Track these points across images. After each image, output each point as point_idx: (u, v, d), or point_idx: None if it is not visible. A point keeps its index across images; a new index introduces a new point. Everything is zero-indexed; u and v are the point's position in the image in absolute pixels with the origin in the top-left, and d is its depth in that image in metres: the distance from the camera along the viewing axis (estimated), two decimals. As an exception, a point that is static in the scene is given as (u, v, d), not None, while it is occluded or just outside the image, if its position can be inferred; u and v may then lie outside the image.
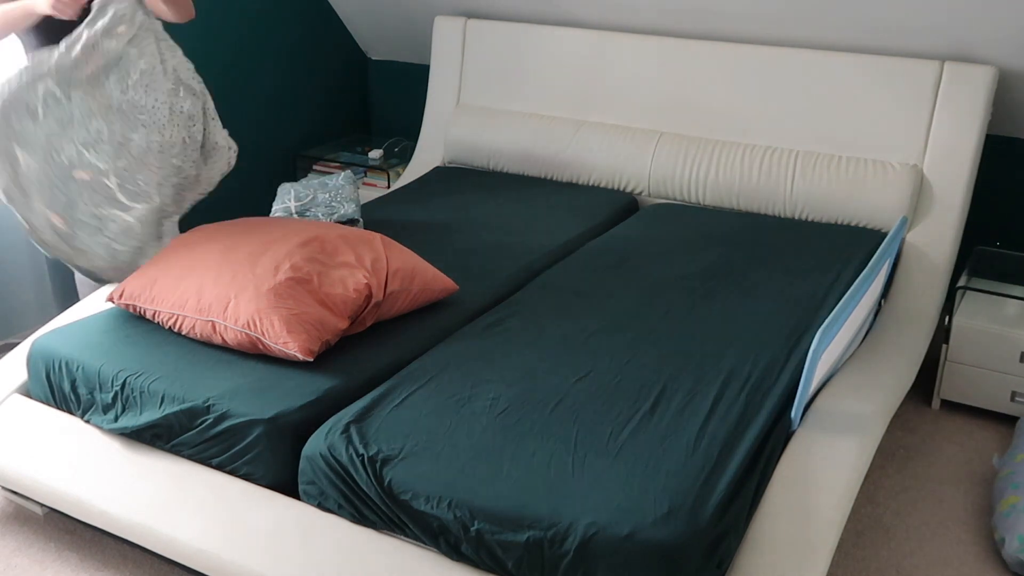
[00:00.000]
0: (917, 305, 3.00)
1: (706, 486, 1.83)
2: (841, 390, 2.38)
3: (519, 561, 1.79)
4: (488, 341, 2.38)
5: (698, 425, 2.02)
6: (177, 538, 2.07)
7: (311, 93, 4.31)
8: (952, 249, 3.08)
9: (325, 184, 3.19)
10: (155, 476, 2.19)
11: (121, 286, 2.46)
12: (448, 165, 3.92)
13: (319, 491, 2.02)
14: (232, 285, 2.27)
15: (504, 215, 3.29)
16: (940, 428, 3.00)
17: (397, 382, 2.19)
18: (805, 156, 3.26)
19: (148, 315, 2.41)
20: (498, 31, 3.80)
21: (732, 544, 1.84)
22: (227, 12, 3.76)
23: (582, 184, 3.63)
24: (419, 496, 1.87)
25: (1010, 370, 2.93)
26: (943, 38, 3.07)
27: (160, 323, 2.39)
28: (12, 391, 2.50)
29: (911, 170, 3.12)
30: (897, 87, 3.14)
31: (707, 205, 3.43)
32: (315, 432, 2.05)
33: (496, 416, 2.05)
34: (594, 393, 2.14)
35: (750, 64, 3.36)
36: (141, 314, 2.44)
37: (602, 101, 3.64)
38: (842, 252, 2.94)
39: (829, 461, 2.07)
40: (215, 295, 2.27)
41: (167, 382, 2.21)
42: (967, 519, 2.57)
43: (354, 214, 3.01)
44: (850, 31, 3.20)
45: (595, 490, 1.82)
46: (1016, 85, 3.11)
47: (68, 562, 2.39)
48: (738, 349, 2.35)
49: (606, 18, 3.62)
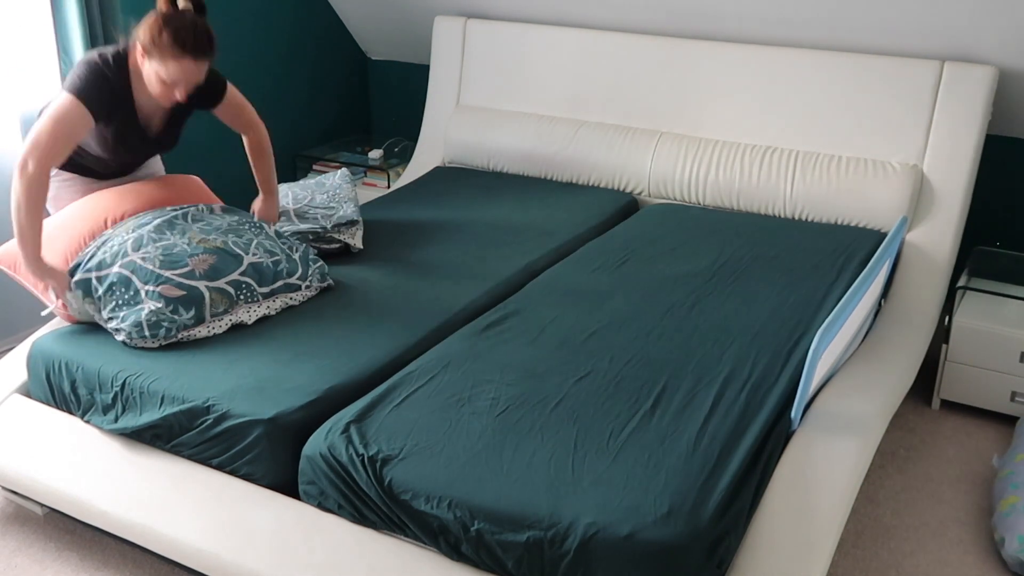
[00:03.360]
0: (917, 305, 3.00)
1: (706, 486, 1.83)
2: (841, 390, 2.38)
3: (519, 561, 1.79)
4: (488, 341, 2.38)
5: (698, 425, 2.02)
6: (177, 538, 2.07)
7: (311, 93, 4.31)
8: (952, 249, 3.08)
9: (322, 184, 3.18)
10: (155, 476, 2.19)
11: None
12: (448, 165, 3.92)
13: (319, 491, 2.02)
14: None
15: (504, 215, 3.29)
16: (940, 428, 3.00)
17: (397, 382, 2.19)
18: (805, 156, 3.26)
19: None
20: (498, 31, 3.80)
21: (732, 544, 1.83)
22: (227, 12, 3.76)
23: (582, 184, 3.63)
24: (419, 496, 1.87)
25: (1010, 370, 2.93)
26: (943, 38, 3.07)
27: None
28: (12, 391, 2.50)
29: (911, 170, 3.12)
30: (897, 87, 3.14)
31: (707, 205, 3.43)
32: (315, 432, 2.05)
33: (496, 416, 2.05)
34: (594, 393, 2.14)
35: (750, 64, 3.36)
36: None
37: (602, 101, 3.64)
38: (842, 252, 2.94)
39: (829, 461, 2.07)
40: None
41: (167, 382, 2.21)
42: (967, 519, 2.57)
43: (353, 215, 3.00)
44: (850, 31, 3.20)
45: (595, 490, 1.82)
46: (1016, 85, 3.11)
47: (68, 562, 2.39)
48: (738, 349, 2.35)
49: (606, 18, 3.62)
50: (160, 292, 2.36)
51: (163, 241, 2.47)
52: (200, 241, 2.50)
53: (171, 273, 2.40)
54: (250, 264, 2.51)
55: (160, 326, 2.34)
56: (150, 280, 2.38)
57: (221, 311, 2.43)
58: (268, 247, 2.59)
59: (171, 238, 2.49)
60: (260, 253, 2.55)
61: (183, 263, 2.42)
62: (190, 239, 2.49)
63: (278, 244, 2.64)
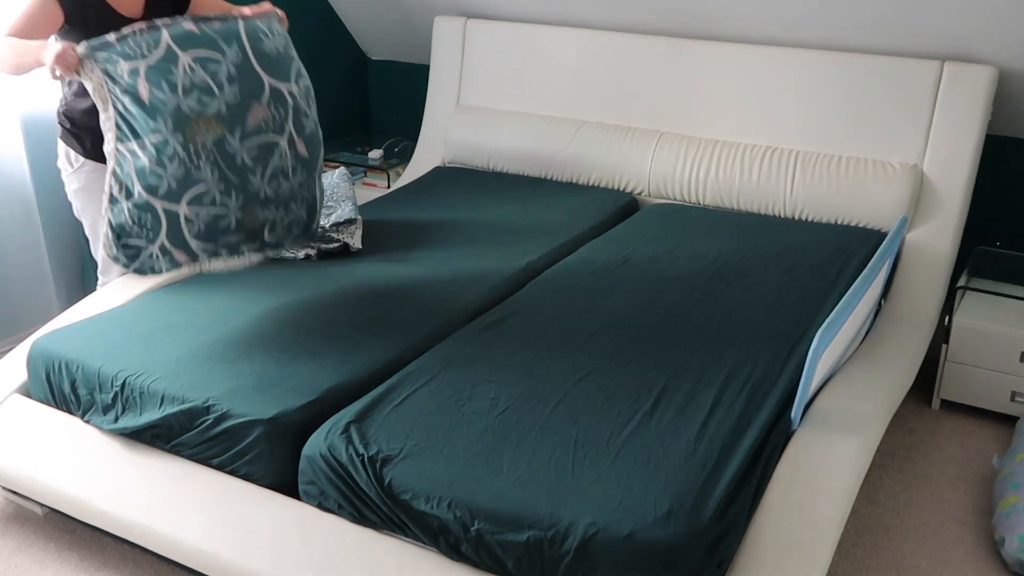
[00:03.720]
0: (917, 305, 3.00)
1: (706, 486, 1.83)
2: (841, 390, 2.38)
3: (519, 561, 1.79)
4: (488, 341, 2.38)
5: (698, 425, 2.02)
6: (177, 538, 2.07)
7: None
8: (952, 249, 3.08)
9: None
10: (155, 476, 2.19)
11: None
12: (448, 165, 3.92)
13: (319, 491, 2.02)
14: None
15: (504, 215, 3.29)
16: (940, 428, 3.00)
17: (397, 382, 2.19)
18: (805, 156, 3.26)
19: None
20: (498, 31, 3.80)
21: (732, 544, 1.83)
22: (227, 12, 3.76)
23: (582, 184, 3.63)
24: (419, 496, 1.87)
25: (1010, 370, 2.93)
26: (943, 38, 3.07)
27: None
28: (12, 391, 2.50)
29: (911, 170, 3.12)
30: (897, 87, 3.14)
31: (707, 205, 3.43)
32: (315, 432, 2.05)
33: (496, 416, 2.05)
34: (594, 393, 2.14)
35: (750, 64, 3.36)
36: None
37: (602, 101, 3.64)
38: (842, 252, 2.94)
39: (829, 461, 2.07)
40: None
41: (167, 382, 2.21)
42: (967, 519, 2.57)
43: (351, 213, 3.00)
44: (850, 31, 3.20)
45: (595, 490, 1.82)
46: (1016, 85, 3.10)
47: (68, 562, 2.39)
48: (738, 349, 2.35)
49: (606, 18, 3.62)
50: (175, 256, 2.30)
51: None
52: (249, 220, 2.37)
53: (197, 244, 2.33)
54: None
55: (148, 268, 2.32)
56: (176, 242, 2.31)
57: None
58: (293, 188, 2.44)
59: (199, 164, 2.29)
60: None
61: (215, 238, 2.34)
62: (245, 214, 2.36)
63: (304, 189, 2.49)
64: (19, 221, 3.26)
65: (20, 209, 3.26)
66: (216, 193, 2.32)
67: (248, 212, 2.39)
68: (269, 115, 2.39)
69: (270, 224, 2.46)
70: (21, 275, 3.31)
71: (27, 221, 3.27)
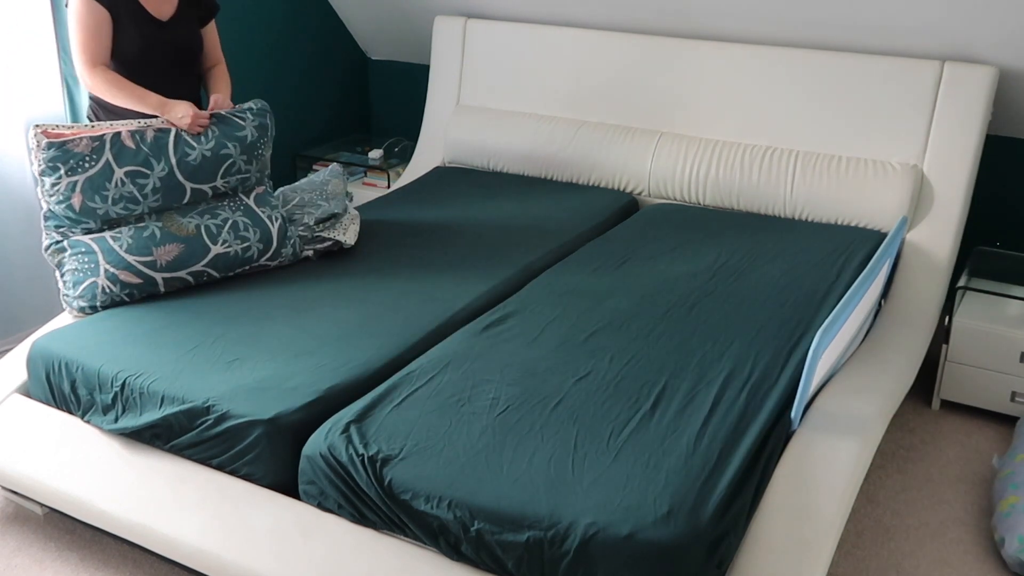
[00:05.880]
0: (917, 305, 3.00)
1: (706, 486, 1.83)
2: (841, 390, 2.38)
3: (519, 561, 1.79)
4: (488, 341, 2.38)
5: (698, 425, 2.02)
6: (177, 538, 2.07)
7: (311, 93, 4.31)
8: (952, 249, 3.08)
9: (312, 183, 3.16)
10: (155, 476, 2.19)
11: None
12: (448, 165, 3.92)
13: (319, 491, 2.02)
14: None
15: (504, 215, 3.29)
16: (940, 428, 3.00)
17: (397, 382, 2.19)
18: (805, 156, 3.26)
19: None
20: (498, 31, 3.80)
21: (732, 544, 1.84)
22: (227, 12, 3.76)
23: (582, 184, 3.63)
24: (419, 496, 1.87)
25: (1010, 370, 2.93)
26: (943, 38, 3.07)
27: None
28: (12, 391, 2.50)
29: (911, 170, 3.12)
30: (897, 87, 3.14)
31: (707, 205, 3.43)
32: (315, 432, 2.05)
33: (496, 416, 2.05)
34: (594, 393, 2.14)
35: (750, 64, 3.36)
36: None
37: (602, 101, 3.64)
38: (842, 252, 2.94)
39: (829, 461, 2.07)
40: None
41: (167, 382, 2.21)
42: (967, 519, 2.57)
43: (335, 208, 2.99)
44: (850, 31, 3.20)
45: (595, 490, 1.82)
46: (1016, 85, 3.11)
47: (68, 562, 2.39)
48: (738, 349, 2.35)
49: (606, 18, 3.62)
50: (119, 276, 2.56)
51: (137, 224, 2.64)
52: (173, 227, 2.65)
53: (134, 259, 2.57)
54: (216, 255, 2.66)
55: (108, 300, 2.58)
56: (113, 262, 2.56)
57: (174, 291, 2.66)
58: (242, 228, 2.71)
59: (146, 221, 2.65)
60: (231, 240, 2.68)
61: (148, 252, 2.59)
62: (164, 222, 2.65)
63: (257, 218, 2.76)
64: (21, 223, 3.27)
65: (22, 211, 3.26)
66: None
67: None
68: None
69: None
70: (22, 276, 3.31)
71: (29, 223, 3.27)
